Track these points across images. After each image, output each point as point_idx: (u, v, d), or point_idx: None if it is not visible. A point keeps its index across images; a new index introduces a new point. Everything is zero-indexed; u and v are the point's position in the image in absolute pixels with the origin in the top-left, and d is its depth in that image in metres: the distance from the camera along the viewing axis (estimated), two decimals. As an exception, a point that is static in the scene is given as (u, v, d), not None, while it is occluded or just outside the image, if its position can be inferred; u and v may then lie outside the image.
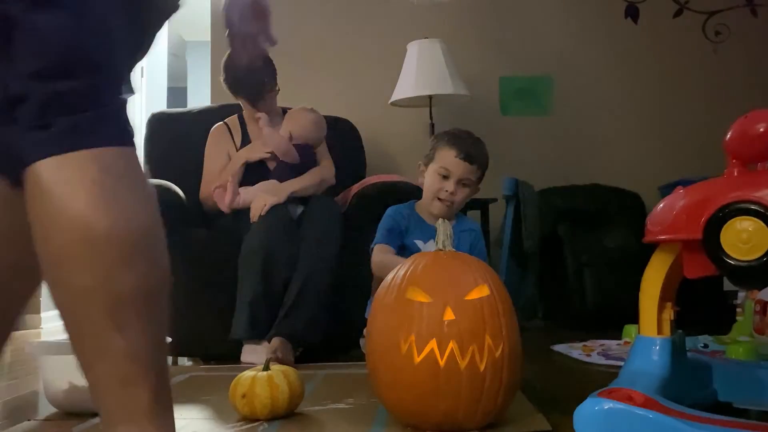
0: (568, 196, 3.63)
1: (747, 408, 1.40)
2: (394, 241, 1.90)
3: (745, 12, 3.94)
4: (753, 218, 1.10)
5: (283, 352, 2.03)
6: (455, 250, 1.39)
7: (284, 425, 1.35)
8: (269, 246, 2.18)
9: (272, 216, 2.24)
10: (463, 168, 1.82)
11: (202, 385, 1.79)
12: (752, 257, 1.10)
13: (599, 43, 3.93)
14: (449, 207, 1.84)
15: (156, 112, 2.98)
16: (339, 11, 3.85)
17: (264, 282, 2.16)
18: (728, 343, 2.10)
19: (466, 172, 1.82)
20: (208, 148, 2.59)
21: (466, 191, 1.84)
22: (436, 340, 1.21)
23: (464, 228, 1.94)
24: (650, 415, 1.04)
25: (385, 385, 1.29)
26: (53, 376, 1.46)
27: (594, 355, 2.22)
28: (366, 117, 3.48)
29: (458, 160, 1.81)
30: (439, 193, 1.84)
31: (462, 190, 1.84)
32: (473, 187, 1.87)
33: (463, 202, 1.86)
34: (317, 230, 2.24)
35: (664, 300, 1.32)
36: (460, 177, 1.82)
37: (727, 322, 2.45)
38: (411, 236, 1.91)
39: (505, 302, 1.29)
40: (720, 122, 1.70)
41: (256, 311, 2.14)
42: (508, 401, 1.29)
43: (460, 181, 1.83)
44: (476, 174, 1.85)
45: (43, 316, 3.83)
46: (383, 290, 1.34)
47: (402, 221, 1.92)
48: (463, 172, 1.82)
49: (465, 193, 1.84)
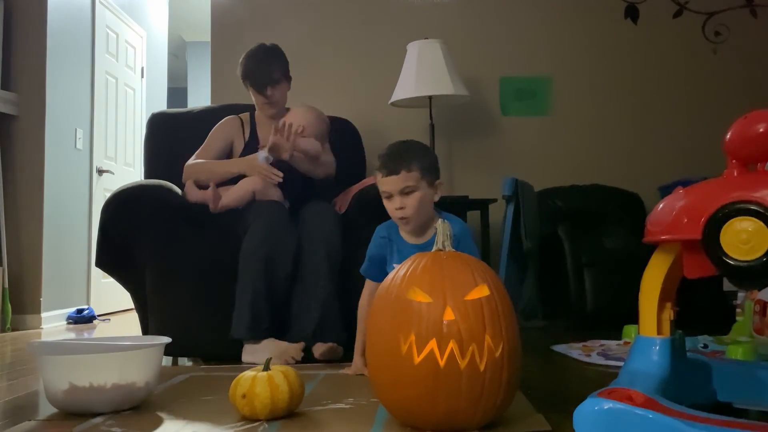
0: (568, 196, 3.63)
1: (747, 408, 1.40)
2: (375, 272, 1.90)
3: (744, 12, 3.94)
4: (753, 218, 1.10)
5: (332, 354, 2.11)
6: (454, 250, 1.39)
7: (284, 425, 1.36)
8: (269, 245, 2.18)
9: (271, 215, 2.24)
10: (392, 182, 1.75)
11: (202, 385, 1.79)
12: (752, 257, 1.10)
13: (599, 43, 3.93)
14: (408, 221, 1.77)
15: (156, 112, 2.98)
16: (339, 12, 3.85)
17: (264, 281, 2.16)
18: (728, 344, 2.10)
19: (398, 183, 1.74)
20: (215, 129, 2.59)
21: (415, 196, 1.75)
22: (436, 340, 1.21)
23: None
24: (650, 415, 1.04)
25: (385, 385, 1.30)
26: (53, 376, 1.46)
27: (594, 355, 2.22)
28: (366, 117, 3.49)
29: (385, 179, 1.76)
30: (392, 214, 1.80)
31: (409, 198, 1.75)
32: (422, 189, 1.77)
33: (420, 206, 1.76)
34: (320, 234, 2.24)
35: (664, 300, 1.32)
36: (397, 190, 1.75)
37: (727, 322, 2.45)
38: (391, 262, 1.88)
39: (505, 302, 1.29)
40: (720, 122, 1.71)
41: (256, 310, 2.15)
42: (508, 401, 1.29)
43: (402, 192, 1.76)
44: (413, 177, 1.75)
45: (44, 316, 3.83)
46: (383, 290, 1.34)
47: (385, 246, 1.88)
48: (396, 185, 1.75)
49: (415, 198, 1.75)
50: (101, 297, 4.54)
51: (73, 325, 4.00)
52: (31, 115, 3.89)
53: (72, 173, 4.27)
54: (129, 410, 1.50)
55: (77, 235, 4.34)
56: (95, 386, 1.44)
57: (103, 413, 1.46)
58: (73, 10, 4.33)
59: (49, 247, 3.90)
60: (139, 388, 1.50)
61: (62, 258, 4.09)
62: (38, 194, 3.87)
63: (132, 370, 1.48)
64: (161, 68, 6.00)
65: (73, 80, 4.30)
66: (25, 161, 3.86)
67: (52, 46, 4.00)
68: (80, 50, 4.43)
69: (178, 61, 8.05)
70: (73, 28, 4.32)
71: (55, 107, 4.02)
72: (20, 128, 3.87)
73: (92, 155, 4.55)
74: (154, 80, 5.80)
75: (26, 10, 3.93)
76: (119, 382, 1.46)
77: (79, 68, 4.40)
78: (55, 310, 3.96)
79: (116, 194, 2.34)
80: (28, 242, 3.82)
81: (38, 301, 3.82)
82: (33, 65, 3.91)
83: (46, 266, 3.87)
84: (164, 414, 1.47)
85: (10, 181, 3.84)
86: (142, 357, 1.52)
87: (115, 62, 4.96)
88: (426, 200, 1.78)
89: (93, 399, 1.45)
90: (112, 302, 4.66)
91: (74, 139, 4.29)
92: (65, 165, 4.16)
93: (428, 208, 1.80)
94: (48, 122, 3.93)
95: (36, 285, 3.82)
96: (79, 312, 4.08)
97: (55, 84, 4.03)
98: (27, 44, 3.92)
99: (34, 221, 3.84)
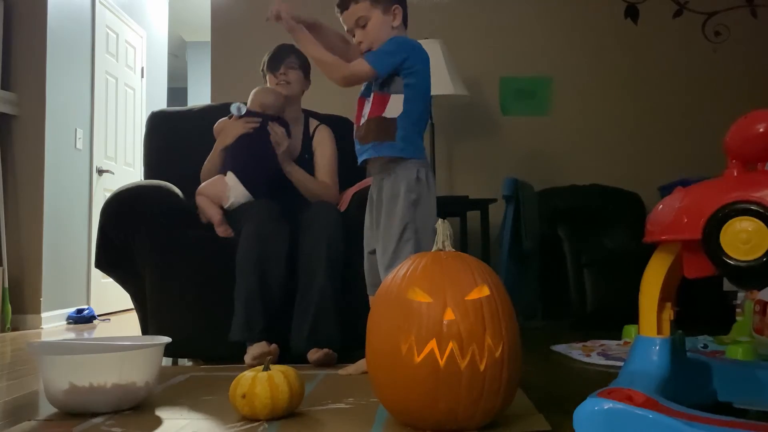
0: (568, 196, 3.63)
1: (747, 408, 1.40)
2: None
3: (744, 12, 3.94)
4: (753, 218, 1.10)
5: (326, 361, 2.09)
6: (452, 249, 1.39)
7: (284, 425, 1.36)
8: (261, 246, 2.18)
9: (261, 216, 2.24)
10: (346, 18, 1.87)
11: (202, 385, 1.79)
12: (752, 257, 1.10)
13: (599, 43, 3.93)
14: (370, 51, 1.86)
15: (156, 111, 2.96)
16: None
17: (258, 282, 2.16)
18: (728, 344, 2.10)
19: (350, 18, 1.86)
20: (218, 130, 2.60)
21: (369, 26, 1.85)
22: (436, 340, 1.21)
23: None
24: (650, 415, 1.04)
25: (385, 385, 1.29)
26: (53, 376, 1.46)
27: (594, 355, 2.22)
28: (366, 117, 3.48)
29: (341, 16, 1.88)
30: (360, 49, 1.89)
31: (365, 30, 1.85)
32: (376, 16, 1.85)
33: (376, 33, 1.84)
34: (321, 235, 2.23)
35: (664, 300, 1.32)
36: (353, 24, 1.87)
37: (727, 322, 2.45)
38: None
39: (505, 302, 1.29)
40: (720, 122, 1.71)
41: (250, 312, 2.14)
42: (508, 401, 1.29)
43: (358, 26, 1.86)
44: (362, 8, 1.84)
45: (44, 316, 3.83)
46: (383, 290, 1.34)
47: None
48: (350, 20, 1.87)
49: (369, 27, 1.85)
50: (101, 297, 4.54)
51: (73, 325, 4.00)
52: (31, 115, 3.89)
53: (72, 173, 4.27)
54: (129, 410, 1.49)
55: (77, 235, 4.34)
56: (95, 386, 1.44)
57: (103, 413, 1.46)
58: (73, 10, 4.33)
59: (49, 247, 3.90)
60: (139, 388, 1.50)
61: (62, 258, 4.09)
62: (38, 194, 3.87)
63: (132, 370, 1.48)
64: (161, 68, 6.00)
65: (73, 80, 4.30)
66: (25, 161, 3.86)
67: (52, 46, 4.00)
68: (80, 50, 4.43)
69: (178, 61, 8.04)
70: (73, 28, 4.32)
71: (55, 107, 4.02)
72: (20, 128, 3.87)
73: (92, 155, 4.55)
74: (154, 80, 5.80)
75: (26, 10, 3.93)
76: (119, 382, 1.46)
77: (79, 68, 4.40)
78: (55, 310, 3.96)
79: (116, 195, 2.34)
80: (28, 242, 3.83)
81: (38, 301, 3.82)
82: (33, 65, 3.91)
83: (46, 266, 3.87)
84: (164, 414, 1.48)
85: (10, 181, 3.84)
86: (142, 357, 1.52)
87: (115, 62, 4.96)
88: (382, 26, 1.85)
89: (93, 399, 1.45)
90: (112, 302, 4.66)
91: (74, 139, 4.29)
92: (65, 165, 4.16)
93: (386, 32, 1.86)
94: (48, 122, 3.93)
95: (36, 285, 3.82)
96: (79, 312, 4.08)
97: (55, 84, 4.03)
98: (27, 44, 3.92)
99: (34, 221, 3.84)
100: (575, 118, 3.90)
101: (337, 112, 2.98)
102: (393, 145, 1.82)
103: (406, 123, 1.82)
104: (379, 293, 1.36)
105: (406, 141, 1.82)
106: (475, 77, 3.78)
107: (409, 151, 1.83)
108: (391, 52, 1.81)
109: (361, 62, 1.82)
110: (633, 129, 3.92)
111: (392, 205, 1.84)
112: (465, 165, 3.85)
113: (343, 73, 1.83)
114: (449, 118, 3.78)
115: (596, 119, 3.92)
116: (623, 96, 3.93)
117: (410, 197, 1.81)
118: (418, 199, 1.82)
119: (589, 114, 3.92)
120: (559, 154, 3.87)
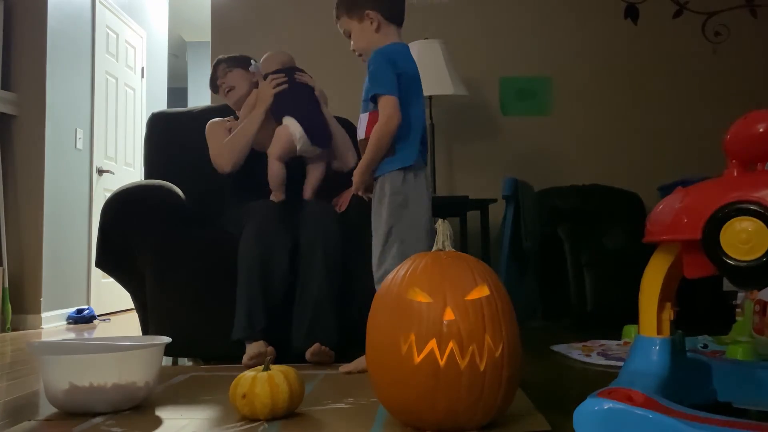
0: (568, 196, 3.63)
1: (746, 408, 1.40)
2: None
3: (744, 12, 3.94)
4: (753, 218, 1.10)
5: (321, 354, 2.09)
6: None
7: (284, 425, 1.36)
8: (261, 245, 2.18)
9: (262, 215, 2.24)
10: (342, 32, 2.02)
11: (202, 385, 1.79)
12: (752, 257, 1.10)
13: (599, 43, 3.93)
14: (362, 57, 1.97)
15: (156, 112, 2.97)
16: (339, 11, 3.85)
17: (259, 281, 2.16)
18: (728, 344, 2.10)
19: (342, 31, 2.01)
20: (212, 129, 2.57)
21: (354, 36, 1.97)
22: (436, 340, 1.21)
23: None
24: (650, 415, 1.04)
25: (385, 385, 1.29)
26: (53, 376, 1.46)
27: (594, 355, 2.22)
28: (366, 117, 3.48)
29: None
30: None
31: (353, 39, 1.98)
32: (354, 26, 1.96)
33: (359, 40, 1.96)
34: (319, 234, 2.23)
35: (664, 300, 1.32)
36: (347, 36, 2.00)
37: (727, 322, 2.45)
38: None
39: (505, 302, 1.29)
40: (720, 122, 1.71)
41: (251, 311, 2.14)
42: (508, 401, 1.29)
43: (349, 37, 1.99)
44: (342, 22, 1.99)
45: (43, 316, 3.83)
46: (383, 290, 1.34)
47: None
48: (344, 33, 2.01)
49: (354, 38, 1.97)
50: (101, 297, 4.54)
51: (73, 325, 4.00)
52: (31, 115, 3.89)
53: (72, 173, 4.27)
54: (129, 410, 1.50)
55: (77, 235, 4.34)
56: (95, 386, 1.44)
57: (103, 413, 1.46)
58: (73, 10, 4.33)
59: (49, 247, 3.90)
60: (139, 387, 1.50)
61: (62, 258, 4.09)
62: (38, 194, 3.87)
63: (132, 370, 1.48)
64: (161, 68, 6.00)
65: (73, 80, 4.30)
66: (25, 161, 3.87)
67: (52, 46, 4.00)
68: (80, 50, 4.43)
69: (178, 61, 8.05)
70: (73, 28, 4.32)
71: (55, 107, 4.02)
72: (20, 128, 3.88)
73: (92, 155, 4.55)
74: (154, 80, 5.80)
75: (26, 10, 3.93)
76: (119, 382, 1.46)
77: (79, 68, 4.40)
78: (55, 310, 3.96)
79: (116, 195, 2.34)
80: (28, 242, 3.83)
81: (38, 301, 3.82)
82: (33, 65, 3.91)
83: (46, 266, 3.87)
84: (164, 414, 1.48)
85: (10, 181, 3.84)
86: (142, 357, 1.53)
87: (115, 62, 4.96)
88: (362, 34, 1.96)
89: (93, 399, 1.45)
90: (112, 302, 4.66)
91: (74, 139, 4.29)
92: (65, 165, 4.16)
93: (369, 38, 1.95)
94: (48, 122, 3.93)
95: (36, 285, 3.82)
96: (79, 312, 4.08)
97: (55, 84, 4.03)
98: (27, 44, 3.92)
99: (35, 221, 3.84)
100: (575, 118, 3.91)
101: (336, 112, 2.98)
102: (392, 159, 1.87)
103: (401, 133, 1.86)
104: (379, 293, 1.36)
105: (403, 151, 1.87)
106: (474, 77, 3.78)
107: (403, 160, 1.87)
108: (379, 70, 1.86)
109: (381, 107, 1.85)
110: (633, 129, 3.92)
111: (380, 207, 1.89)
112: (465, 165, 3.85)
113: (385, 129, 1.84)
114: (449, 118, 3.78)
115: (596, 119, 3.92)
116: (623, 96, 3.93)
117: (396, 199, 1.85)
118: (405, 201, 1.85)
119: (589, 114, 3.92)
120: (559, 154, 3.87)
